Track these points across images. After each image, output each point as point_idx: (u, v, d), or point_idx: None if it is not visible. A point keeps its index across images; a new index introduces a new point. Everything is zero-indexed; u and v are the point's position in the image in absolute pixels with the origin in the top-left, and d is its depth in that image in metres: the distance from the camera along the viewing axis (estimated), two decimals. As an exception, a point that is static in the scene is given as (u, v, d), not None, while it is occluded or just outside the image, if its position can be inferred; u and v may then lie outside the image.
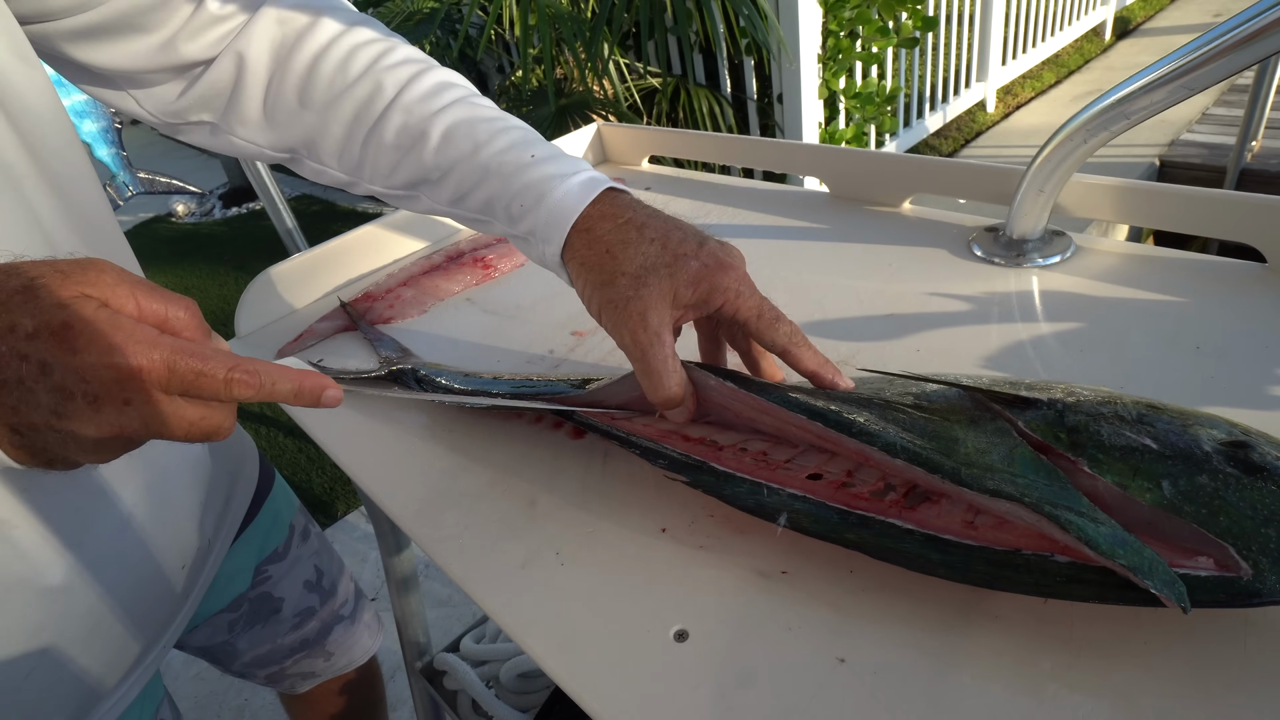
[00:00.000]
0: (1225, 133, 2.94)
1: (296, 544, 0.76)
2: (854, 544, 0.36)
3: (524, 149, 0.47)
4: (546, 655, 0.37)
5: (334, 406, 0.35)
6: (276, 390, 0.33)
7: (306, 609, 0.76)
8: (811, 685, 0.33)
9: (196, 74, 0.51)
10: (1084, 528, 0.31)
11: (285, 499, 0.76)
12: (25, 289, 0.30)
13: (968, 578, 0.34)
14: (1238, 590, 0.29)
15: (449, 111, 0.49)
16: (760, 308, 0.41)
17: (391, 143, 0.49)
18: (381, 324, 0.70)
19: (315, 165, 0.53)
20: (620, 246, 0.42)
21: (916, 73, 3.15)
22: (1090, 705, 0.30)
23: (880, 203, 0.73)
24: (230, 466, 0.67)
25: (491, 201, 0.48)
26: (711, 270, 0.41)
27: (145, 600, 0.54)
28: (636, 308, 0.40)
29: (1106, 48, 4.57)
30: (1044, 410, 0.36)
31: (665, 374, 0.40)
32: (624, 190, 0.46)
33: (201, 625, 0.68)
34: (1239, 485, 0.31)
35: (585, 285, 0.43)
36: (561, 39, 2.32)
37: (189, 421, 0.33)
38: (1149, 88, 0.48)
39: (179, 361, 0.31)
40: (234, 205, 4.77)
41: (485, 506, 0.46)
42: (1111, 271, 0.57)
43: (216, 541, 0.64)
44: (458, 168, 0.48)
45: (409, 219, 0.84)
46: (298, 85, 0.50)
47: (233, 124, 0.52)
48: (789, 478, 0.40)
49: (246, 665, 0.75)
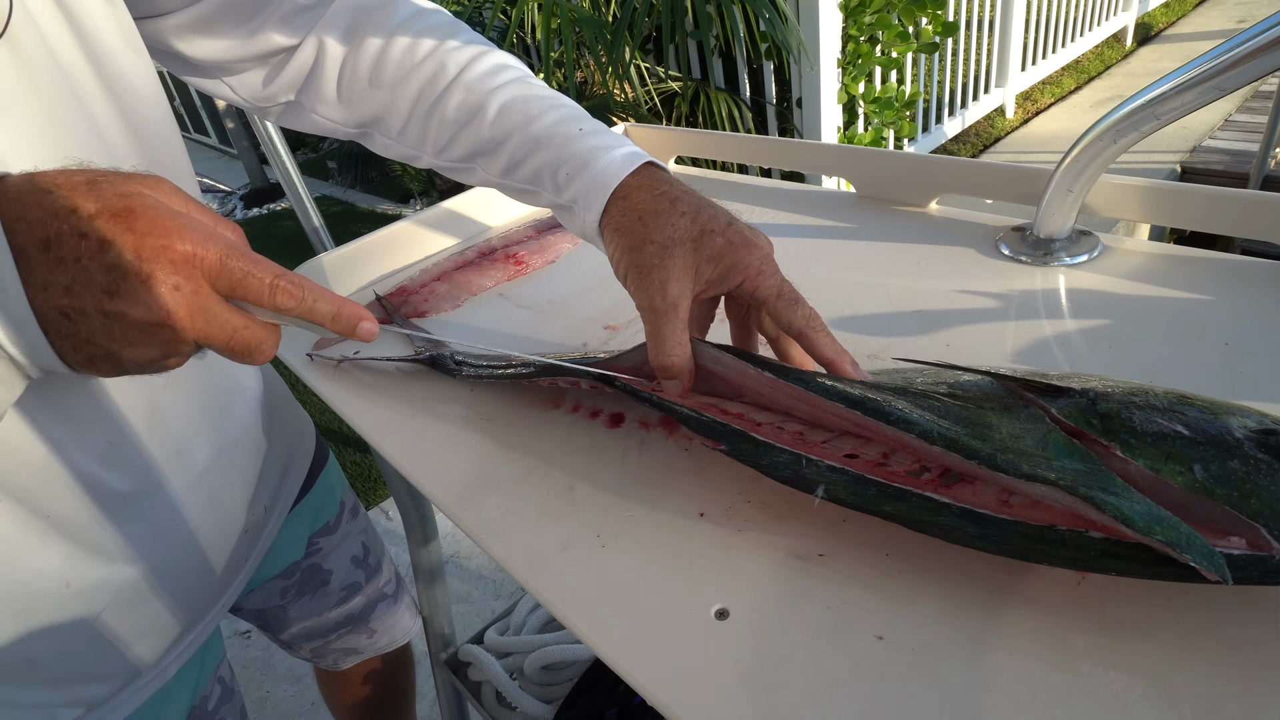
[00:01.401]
0: (1248, 139, 2.92)
1: (346, 520, 0.79)
2: (891, 515, 0.37)
3: (573, 123, 0.50)
4: (590, 632, 0.38)
5: (369, 339, 0.36)
6: (316, 309, 0.34)
7: (353, 584, 0.79)
8: (850, 661, 0.34)
9: (283, 60, 0.55)
10: (1120, 506, 0.32)
11: (337, 476, 0.80)
12: (90, 182, 0.31)
13: (1004, 549, 0.34)
14: (1270, 568, 0.30)
15: (505, 89, 0.52)
16: (780, 288, 0.43)
17: (452, 117, 0.53)
18: (416, 317, 0.72)
19: (384, 140, 0.58)
20: (653, 216, 0.44)
21: (935, 78, 3.15)
22: (1125, 682, 0.31)
23: (907, 203, 0.74)
24: (289, 439, 0.71)
25: (540, 171, 0.51)
26: (736, 247, 0.43)
27: (209, 558, 0.57)
28: (659, 276, 0.42)
29: (1127, 54, 4.54)
30: (1076, 398, 0.37)
31: (671, 342, 0.43)
32: (663, 167, 0.48)
33: (258, 589, 0.72)
34: (1270, 470, 0.32)
35: (616, 249, 0.46)
36: (583, 43, 2.34)
37: (232, 327, 0.33)
38: (1180, 88, 0.49)
39: (230, 258, 0.32)
40: (255, 206, 4.83)
41: (525, 492, 0.48)
42: (1139, 270, 0.57)
43: (274, 510, 0.68)
44: (511, 139, 0.52)
45: (441, 216, 0.86)
46: (370, 66, 0.54)
47: (314, 102, 0.57)
48: (826, 455, 0.41)
49: (295, 636, 0.78)
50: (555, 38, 2.24)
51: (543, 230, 0.83)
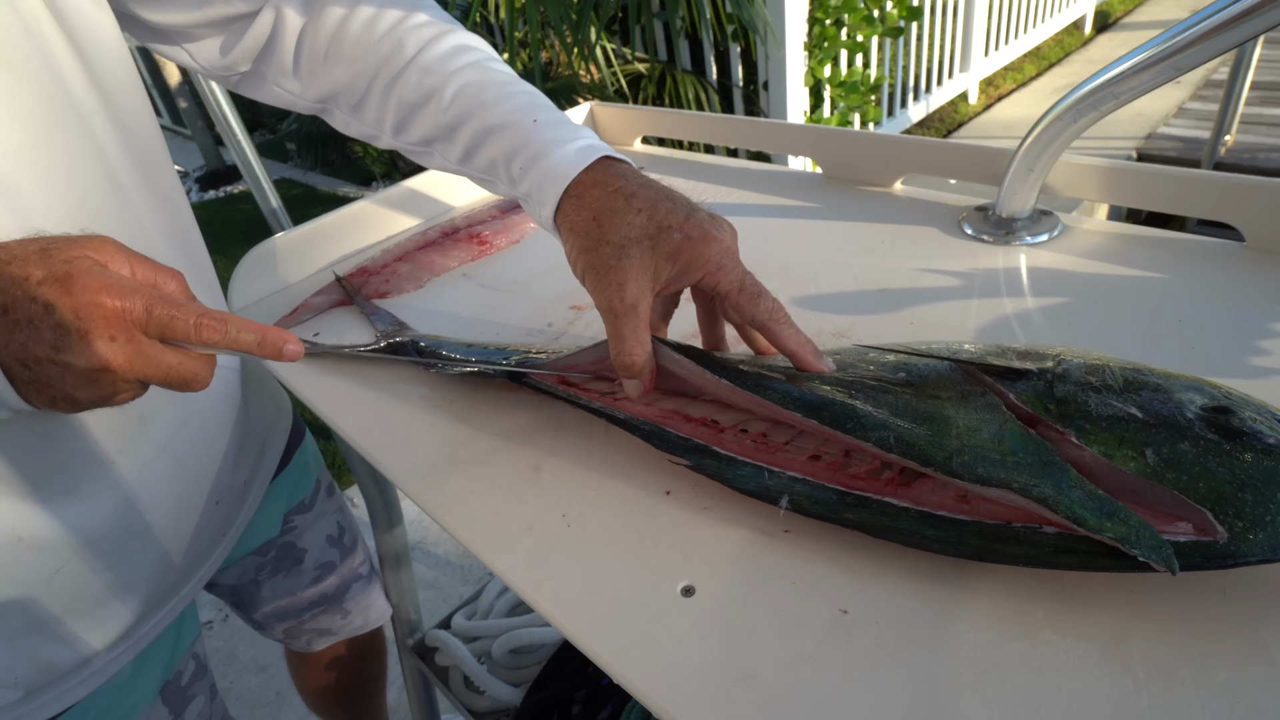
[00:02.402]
0: (1200, 127, 3.00)
1: (322, 498, 0.79)
2: (853, 523, 0.37)
3: (528, 113, 0.49)
4: (556, 612, 0.37)
5: (294, 360, 0.40)
6: (241, 339, 0.38)
7: (327, 563, 0.79)
8: (815, 635, 0.34)
9: (240, 28, 0.54)
10: (1072, 506, 0.32)
11: (314, 454, 0.80)
12: (41, 250, 0.36)
13: (961, 551, 0.35)
14: (1214, 554, 0.31)
15: (463, 73, 0.51)
16: (742, 281, 0.42)
17: (409, 99, 0.52)
18: (377, 299, 0.70)
19: (344, 117, 0.57)
20: (607, 215, 0.43)
21: (901, 63, 3.17)
22: (1081, 648, 0.32)
23: (872, 183, 0.74)
24: (267, 414, 0.70)
25: (495, 162, 0.50)
26: (694, 242, 0.42)
27: (179, 527, 0.57)
28: (616, 277, 0.42)
29: (1086, 41, 4.62)
30: (1034, 381, 0.38)
31: (631, 342, 0.42)
32: (621, 160, 0.47)
33: (233, 565, 0.71)
34: (1218, 451, 0.33)
35: (572, 249, 0.45)
36: (548, 23, 2.31)
37: (167, 365, 0.37)
38: (1137, 68, 0.49)
39: (155, 306, 0.36)
40: (211, 189, 4.69)
41: (489, 472, 0.47)
42: (1097, 249, 0.58)
43: (253, 484, 0.68)
44: (465, 126, 0.50)
45: (403, 196, 0.84)
46: (327, 40, 0.53)
47: (274, 74, 0.56)
48: (789, 460, 0.40)
49: (267, 615, 0.78)
50: (519, 17, 2.20)
51: (507, 210, 0.81)
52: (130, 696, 0.57)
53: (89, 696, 0.54)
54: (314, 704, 0.98)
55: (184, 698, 0.61)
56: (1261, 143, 2.68)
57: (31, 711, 0.51)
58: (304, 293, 0.72)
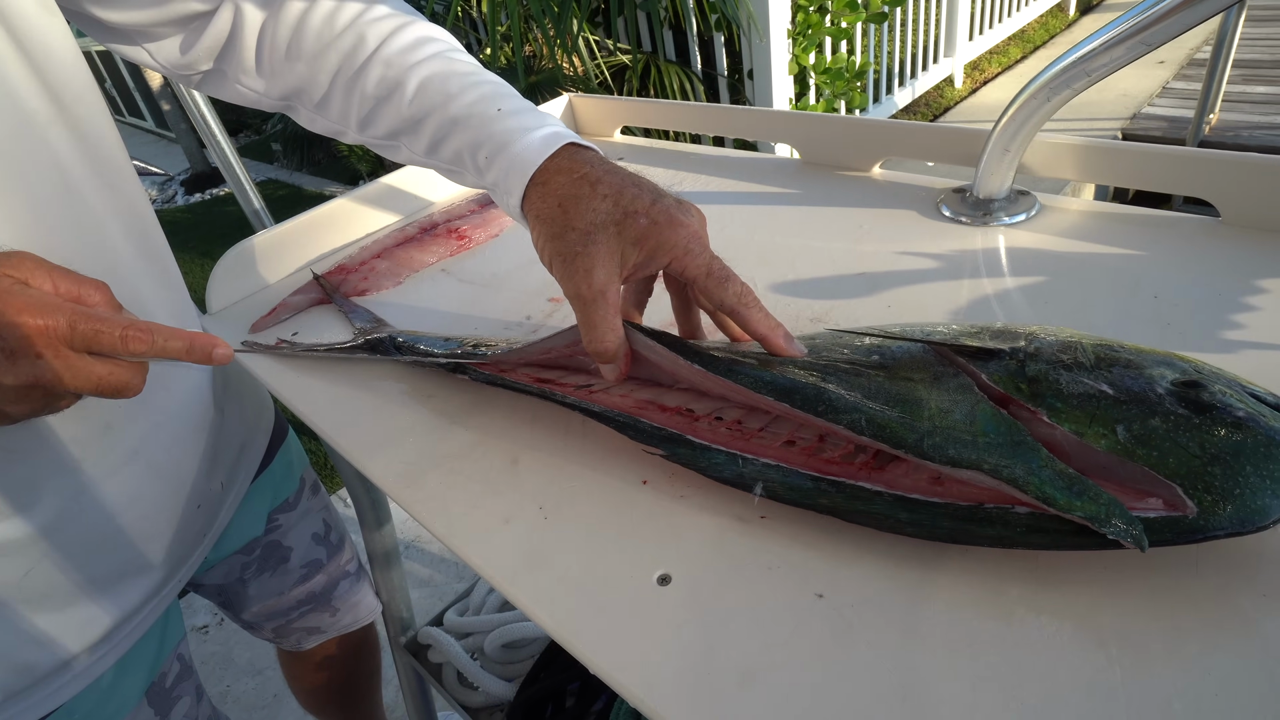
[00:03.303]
0: (1184, 106, 3.00)
1: (307, 496, 0.79)
2: (826, 509, 0.37)
3: (492, 102, 0.48)
4: (532, 604, 0.37)
5: (224, 363, 0.41)
6: (169, 347, 0.39)
7: (314, 561, 0.79)
8: (791, 620, 0.34)
9: (200, 26, 0.53)
10: (1041, 487, 0.32)
11: (297, 452, 0.80)
12: None
13: (934, 534, 0.35)
14: (1183, 529, 0.31)
15: (426, 65, 0.50)
16: (709, 266, 0.42)
17: (371, 93, 0.51)
18: (356, 296, 0.70)
19: (308, 114, 0.56)
20: (572, 201, 0.43)
21: (885, 49, 3.17)
22: (1055, 625, 0.32)
23: (851, 167, 0.74)
24: (247, 415, 0.70)
25: (460, 152, 0.49)
26: (661, 227, 0.42)
27: (156, 530, 0.57)
28: (583, 264, 0.41)
29: (1071, 23, 4.62)
30: (1006, 361, 0.37)
31: (603, 328, 0.42)
32: (587, 147, 0.46)
33: (218, 565, 0.71)
34: (1189, 426, 0.32)
35: (539, 237, 0.44)
36: (530, 15, 2.29)
37: (98, 376, 0.38)
38: (1109, 44, 0.49)
39: (79, 321, 0.37)
40: (196, 191, 4.66)
41: (467, 467, 0.47)
42: (1074, 228, 0.58)
43: (233, 485, 0.67)
44: (430, 118, 0.50)
45: (381, 193, 0.83)
46: (287, 37, 0.52)
47: (235, 72, 0.55)
48: (764, 446, 0.40)
49: (256, 615, 0.78)
50: (501, 10, 2.19)
51: (485, 205, 0.81)
52: (114, 699, 0.57)
53: (72, 700, 0.53)
54: (309, 704, 0.98)
55: (169, 699, 0.61)
56: (1245, 120, 2.69)
57: (14, 716, 0.51)
58: (283, 292, 0.71)
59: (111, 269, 0.51)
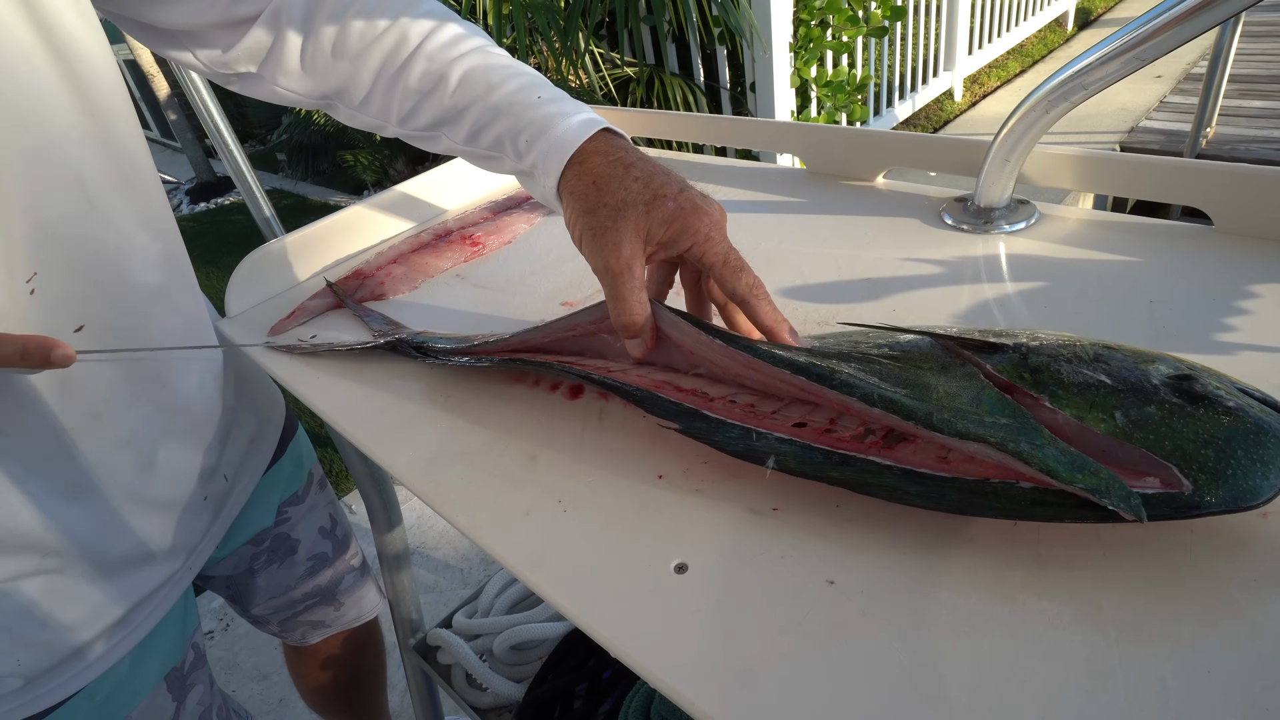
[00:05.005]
0: (1182, 120, 3.03)
1: (315, 491, 0.81)
2: (838, 481, 0.39)
3: (532, 90, 0.51)
4: (554, 592, 0.39)
5: (65, 365, 0.40)
6: (3, 354, 0.39)
7: (320, 554, 0.81)
8: (803, 606, 0.35)
9: (243, 29, 0.55)
10: (1045, 459, 0.34)
11: (306, 447, 0.81)
12: None
13: (941, 505, 0.36)
14: (1180, 504, 0.32)
15: (466, 58, 0.53)
16: (727, 255, 0.44)
17: (415, 87, 0.54)
18: (373, 300, 0.71)
19: (349, 110, 0.58)
20: (606, 180, 0.45)
21: (886, 62, 3.20)
22: (1056, 609, 0.33)
23: (855, 177, 0.76)
24: (258, 409, 0.72)
25: (501, 138, 0.52)
26: (686, 212, 0.44)
27: (160, 521, 0.59)
28: (612, 237, 0.44)
29: (1069, 38, 4.67)
30: (1009, 354, 0.39)
31: (630, 300, 0.44)
32: (621, 134, 0.49)
33: (229, 555, 0.73)
34: (1182, 413, 0.34)
35: (571, 213, 0.47)
36: (536, 29, 2.32)
37: None
38: (1104, 59, 0.51)
39: None
40: (202, 200, 4.69)
41: (487, 463, 0.48)
42: (1073, 236, 0.60)
43: (242, 477, 0.69)
44: (473, 108, 0.52)
45: (395, 200, 0.85)
46: (332, 37, 0.54)
47: (275, 74, 0.57)
48: (776, 426, 0.42)
49: (263, 609, 0.80)
50: (507, 23, 2.22)
51: (498, 212, 0.83)
52: (133, 683, 0.58)
53: (93, 683, 0.55)
54: (314, 702, 0.99)
55: (185, 686, 0.63)
56: (1241, 134, 2.72)
57: (35, 699, 0.52)
58: (300, 297, 0.73)
59: (127, 279, 0.52)
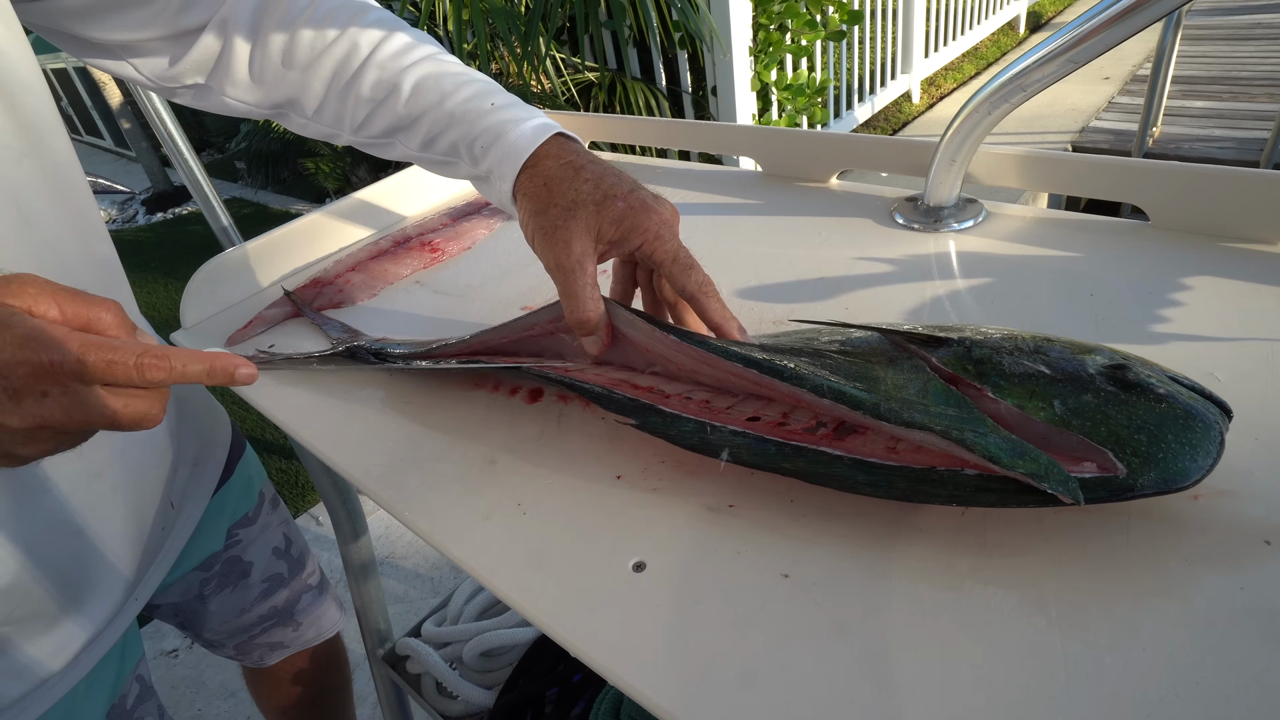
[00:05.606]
0: (1129, 120, 3.13)
1: (266, 511, 0.78)
2: (790, 472, 0.40)
3: (485, 98, 0.52)
4: (513, 593, 0.39)
5: (249, 383, 0.37)
6: (189, 372, 0.35)
7: (275, 575, 0.79)
8: (759, 599, 0.36)
9: (189, 40, 0.55)
10: (987, 447, 0.35)
11: (255, 467, 0.79)
12: None
13: (891, 493, 0.37)
14: (1116, 487, 0.34)
15: (418, 66, 0.53)
16: (676, 253, 0.45)
17: (367, 96, 0.54)
18: (332, 308, 0.71)
19: (301, 120, 0.58)
20: (558, 182, 0.46)
21: (845, 65, 3.25)
22: (1002, 595, 0.34)
23: (809, 179, 0.77)
24: (201, 433, 0.70)
25: (456, 145, 0.52)
26: (636, 211, 0.45)
27: (115, 552, 0.57)
28: (563, 235, 0.44)
29: (1020, 41, 4.79)
30: (954, 347, 0.41)
31: (583, 296, 0.45)
32: (574, 138, 0.50)
33: (176, 582, 0.71)
34: (1117, 400, 0.36)
35: (525, 214, 0.48)
36: (497, 34, 2.32)
37: (112, 410, 0.34)
38: (1040, 62, 0.53)
39: (89, 354, 0.33)
40: (159, 211, 4.59)
41: (447, 468, 0.48)
42: (1018, 233, 0.62)
43: (186, 504, 0.67)
44: (427, 116, 0.53)
45: (353, 208, 0.84)
46: (281, 47, 0.54)
47: (223, 85, 0.56)
48: (730, 420, 0.43)
49: (217, 633, 0.77)
50: (468, 29, 2.21)
51: (458, 218, 0.83)
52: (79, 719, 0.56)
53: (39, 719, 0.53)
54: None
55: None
56: (1185, 134, 2.81)
57: None
58: (257, 306, 0.72)
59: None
